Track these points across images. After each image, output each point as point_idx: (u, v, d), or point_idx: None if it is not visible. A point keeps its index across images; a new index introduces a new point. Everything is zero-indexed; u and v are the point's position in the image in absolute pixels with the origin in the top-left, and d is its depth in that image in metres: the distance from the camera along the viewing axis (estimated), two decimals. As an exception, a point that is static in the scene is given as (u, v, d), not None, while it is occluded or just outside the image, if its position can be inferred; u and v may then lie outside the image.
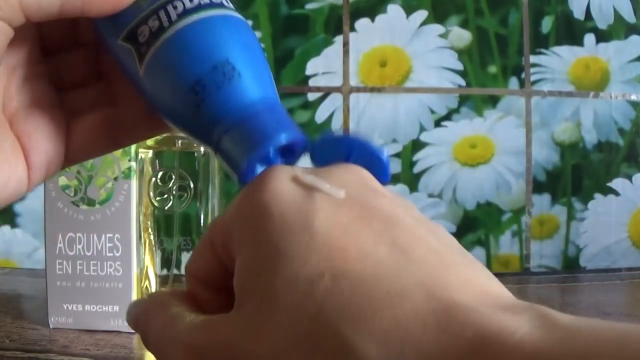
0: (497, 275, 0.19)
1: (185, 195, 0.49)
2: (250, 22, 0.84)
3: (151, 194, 0.49)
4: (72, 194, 0.49)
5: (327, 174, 0.19)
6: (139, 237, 0.50)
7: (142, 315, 0.21)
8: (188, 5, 0.23)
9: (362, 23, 0.85)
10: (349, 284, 0.16)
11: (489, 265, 0.81)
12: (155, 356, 0.21)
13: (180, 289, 0.22)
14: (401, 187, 0.82)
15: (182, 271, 0.51)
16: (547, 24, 0.86)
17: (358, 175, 0.20)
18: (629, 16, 0.86)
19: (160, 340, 0.20)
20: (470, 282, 0.16)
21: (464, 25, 0.85)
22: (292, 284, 0.17)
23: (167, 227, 0.50)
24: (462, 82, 0.84)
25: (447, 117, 0.84)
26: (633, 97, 0.85)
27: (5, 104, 0.24)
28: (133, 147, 0.52)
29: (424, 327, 0.15)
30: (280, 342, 0.16)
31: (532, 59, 0.85)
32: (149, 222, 0.50)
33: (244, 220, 0.19)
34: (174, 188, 0.49)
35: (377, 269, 0.16)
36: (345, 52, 0.84)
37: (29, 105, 0.25)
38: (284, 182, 0.18)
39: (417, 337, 0.15)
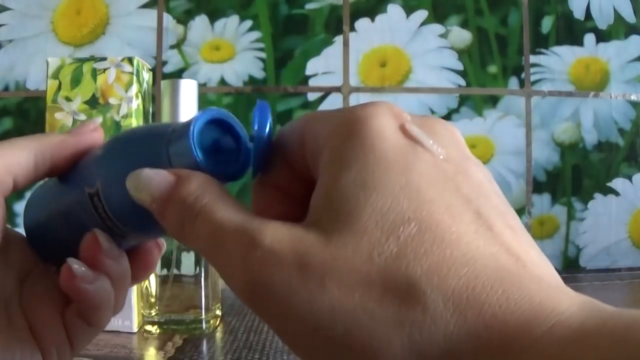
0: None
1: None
2: (250, 22, 0.84)
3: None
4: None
5: (430, 129, 0.19)
6: (139, 237, 0.50)
7: (191, 193, 0.20)
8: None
9: (362, 23, 0.85)
10: (431, 237, 0.16)
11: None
12: (198, 244, 0.19)
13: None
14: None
15: (182, 271, 0.51)
16: (547, 24, 0.86)
17: (455, 137, 0.20)
18: (629, 16, 0.86)
19: (216, 228, 0.19)
20: (535, 261, 0.17)
21: (464, 25, 0.85)
22: (378, 220, 0.17)
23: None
24: (462, 82, 0.84)
25: (447, 117, 0.84)
26: (633, 97, 0.85)
27: (21, 298, 0.27)
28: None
29: (490, 293, 0.16)
30: (355, 272, 0.16)
31: (532, 59, 0.85)
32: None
33: (341, 141, 0.18)
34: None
35: (460, 230, 0.17)
36: (345, 52, 0.84)
37: (37, 300, 0.27)
38: (391, 126, 0.18)
39: (481, 303, 0.16)
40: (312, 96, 0.84)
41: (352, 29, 0.84)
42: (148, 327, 0.51)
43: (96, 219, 0.24)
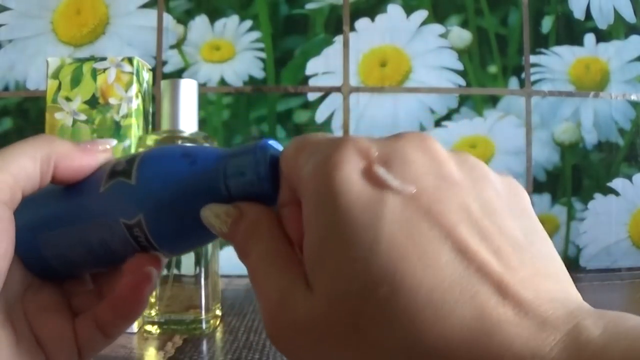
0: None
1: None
2: (250, 22, 0.84)
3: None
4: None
5: (399, 159, 0.19)
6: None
7: (243, 233, 0.22)
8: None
9: (362, 23, 0.85)
10: (405, 296, 0.16)
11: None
12: (250, 281, 0.22)
13: (273, 214, 0.23)
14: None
15: (182, 271, 0.51)
16: (547, 24, 0.86)
17: (429, 154, 0.19)
18: (629, 16, 0.86)
19: (256, 276, 0.21)
20: (522, 283, 0.17)
21: (464, 25, 0.85)
22: (353, 284, 0.17)
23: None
24: (462, 82, 0.84)
25: (447, 117, 0.84)
26: (633, 97, 0.85)
27: (25, 309, 0.26)
28: (133, 148, 0.52)
29: (467, 348, 0.16)
30: (332, 338, 0.18)
31: (532, 59, 0.85)
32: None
33: (314, 199, 0.19)
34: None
35: (435, 280, 0.16)
36: (345, 52, 0.84)
37: (43, 310, 0.27)
38: (355, 176, 0.18)
39: (460, 356, 0.16)
40: (312, 96, 0.84)
41: (352, 29, 0.84)
42: (148, 327, 0.51)
43: (132, 245, 0.25)
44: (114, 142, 0.28)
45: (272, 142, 0.24)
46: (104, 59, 0.53)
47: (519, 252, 0.18)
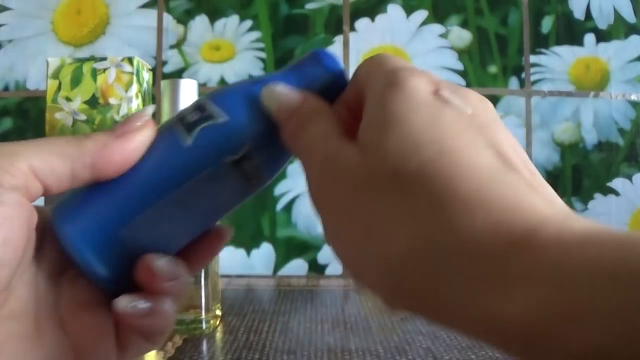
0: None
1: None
2: (250, 22, 0.84)
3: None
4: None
5: (463, 95, 0.22)
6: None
7: (298, 115, 0.24)
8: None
9: (362, 23, 0.85)
10: (447, 162, 0.19)
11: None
12: (299, 153, 0.24)
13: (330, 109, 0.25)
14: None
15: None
16: (547, 24, 0.86)
17: (487, 105, 0.22)
18: (629, 16, 0.86)
19: (311, 147, 0.23)
20: (550, 194, 0.19)
21: (464, 25, 0.85)
22: (402, 144, 0.20)
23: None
24: (462, 82, 0.84)
25: (447, 117, 0.84)
26: (633, 97, 0.85)
27: (57, 303, 0.24)
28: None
29: (499, 203, 0.18)
30: (378, 185, 0.20)
31: (532, 59, 0.85)
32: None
33: (379, 95, 0.22)
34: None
35: (478, 160, 0.19)
36: (345, 52, 0.84)
37: (80, 303, 0.24)
38: (425, 89, 0.21)
39: (488, 219, 0.18)
40: (312, 96, 0.84)
41: (352, 29, 0.84)
42: (148, 327, 0.51)
43: (236, 184, 0.25)
44: (151, 108, 0.26)
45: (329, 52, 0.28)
46: (104, 59, 0.53)
47: (546, 184, 0.20)
